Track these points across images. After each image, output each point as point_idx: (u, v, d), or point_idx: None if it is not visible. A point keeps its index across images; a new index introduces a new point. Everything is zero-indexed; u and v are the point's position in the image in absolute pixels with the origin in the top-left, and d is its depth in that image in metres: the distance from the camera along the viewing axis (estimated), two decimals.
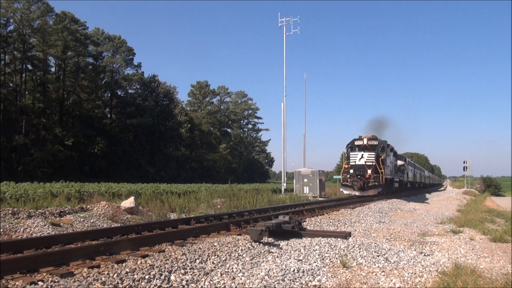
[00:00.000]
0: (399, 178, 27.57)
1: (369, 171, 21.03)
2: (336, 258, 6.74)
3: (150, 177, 55.13)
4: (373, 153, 21.55)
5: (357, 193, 21.00)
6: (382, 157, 21.82)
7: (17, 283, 4.58)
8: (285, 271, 5.74)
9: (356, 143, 23.02)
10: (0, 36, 48.48)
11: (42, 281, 4.68)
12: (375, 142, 22.70)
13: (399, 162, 28.68)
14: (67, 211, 11.15)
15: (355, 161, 21.58)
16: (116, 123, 63.88)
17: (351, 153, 22.39)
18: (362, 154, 21.53)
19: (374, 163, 21.14)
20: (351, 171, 21.42)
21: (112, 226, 10.03)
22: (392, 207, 17.37)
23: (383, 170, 21.14)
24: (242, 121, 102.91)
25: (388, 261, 6.65)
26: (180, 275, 5.36)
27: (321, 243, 7.59)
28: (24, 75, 53.31)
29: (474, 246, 8.35)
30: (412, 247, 8.14)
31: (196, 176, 63.86)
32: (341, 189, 23.19)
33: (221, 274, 5.64)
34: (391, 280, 5.66)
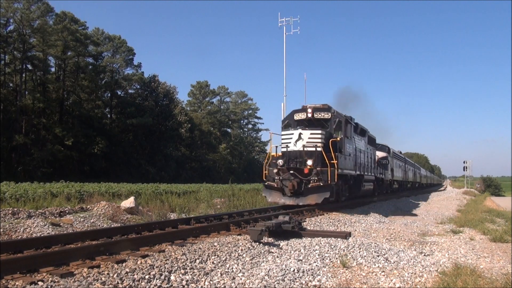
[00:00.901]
0: (375, 176, 19.50)
1: (310, 162, 12.74)
2: (336, 258, 6.73)
3: (150, 177, 55.08)
4: (319, 132, 13.15)
5: (288, 201, 12.78)
6: (338, 138, 13.57)
7: (17, 283, 4.58)
8: (285, 271, 5.73)
9: (296, 116, 14.67)
10: (0, 36, 48.47)
11: (42, 281, 4.69)
12: (327, 115, 14.27)
13: (380, 154, 21.37)
14: (67, 211, 11.16)
15: (287, 146, 13.37)
16: (116, 123, 63.85)
17: (283, 133, 14.00)
18: (300, 134, 13.16)
19: (319, 149, 12.84)
20: (280, 162, 13.21)
21: (112, 226, 10.03)
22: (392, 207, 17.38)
23: (335, 161, 12.67)
24: (242, 121, 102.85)
25: (388, 261, 6.65)
26: (180, 275, 5.36)
27: (321, 243, 7.59)
28: (24, 75, 53.27)
29: (474, 246, 8.35)
30: (412, 247, 8.15)
31: (196, 176, 63.82)
32: (263, 194, 14.53)
33: (221, 274, 5.64)
34: (391, 280, 5.66)
